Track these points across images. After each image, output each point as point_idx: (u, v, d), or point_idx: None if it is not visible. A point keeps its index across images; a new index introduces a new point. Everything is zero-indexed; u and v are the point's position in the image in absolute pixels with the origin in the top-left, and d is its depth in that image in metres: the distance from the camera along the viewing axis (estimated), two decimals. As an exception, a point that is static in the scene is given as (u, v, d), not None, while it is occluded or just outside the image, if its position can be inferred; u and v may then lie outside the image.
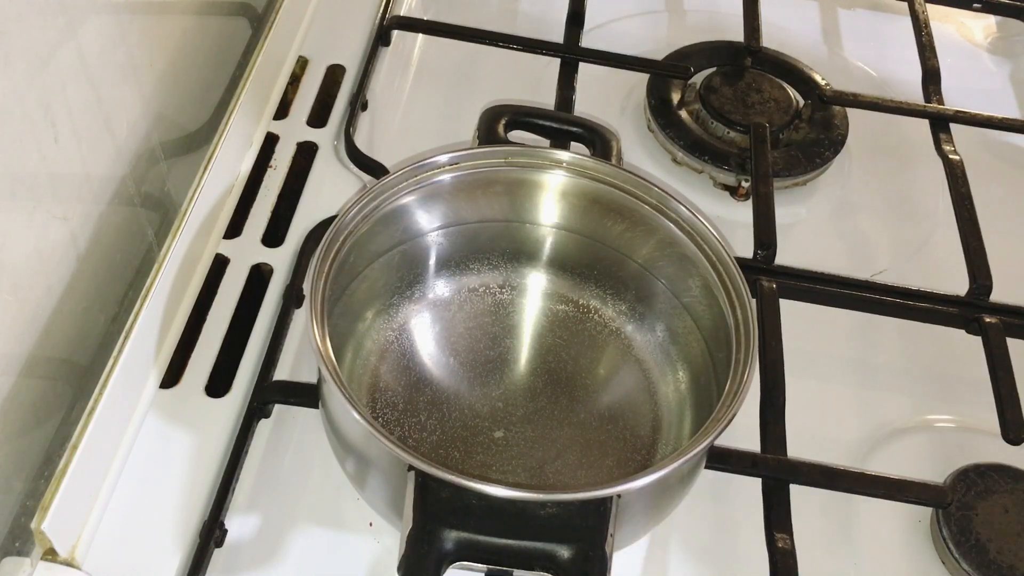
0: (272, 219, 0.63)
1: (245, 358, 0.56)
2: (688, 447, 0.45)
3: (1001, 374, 0.57)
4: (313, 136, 0.68)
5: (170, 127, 0.64)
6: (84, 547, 0.48)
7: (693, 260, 0.54)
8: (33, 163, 0.48)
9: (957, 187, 0.67)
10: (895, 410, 0.60)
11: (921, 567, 0.54)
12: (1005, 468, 0.55)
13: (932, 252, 0.69)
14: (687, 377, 0.55)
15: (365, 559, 0.50)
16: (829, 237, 0.70)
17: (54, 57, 0.49)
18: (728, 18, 0.80)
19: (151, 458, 0.52)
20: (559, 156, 0.56)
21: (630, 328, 0.58)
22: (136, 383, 0.53)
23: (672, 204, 0.54)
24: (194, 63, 0.67)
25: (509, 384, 0.55)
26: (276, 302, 0.59)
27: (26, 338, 0.50)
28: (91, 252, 0.55)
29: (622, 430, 0.54)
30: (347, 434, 0.48)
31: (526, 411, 0.54)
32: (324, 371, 0.46)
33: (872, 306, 0.62)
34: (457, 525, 0.42)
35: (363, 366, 0.55)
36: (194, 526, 0.50)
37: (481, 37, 0.74)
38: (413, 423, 0.53)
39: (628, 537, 0.49)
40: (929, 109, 0.74)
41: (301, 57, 0.73)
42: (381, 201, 0.53)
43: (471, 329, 0.57)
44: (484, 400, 0.54)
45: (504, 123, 0.59)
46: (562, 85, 0.70)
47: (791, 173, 0.70)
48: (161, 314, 0.55)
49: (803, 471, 0.53)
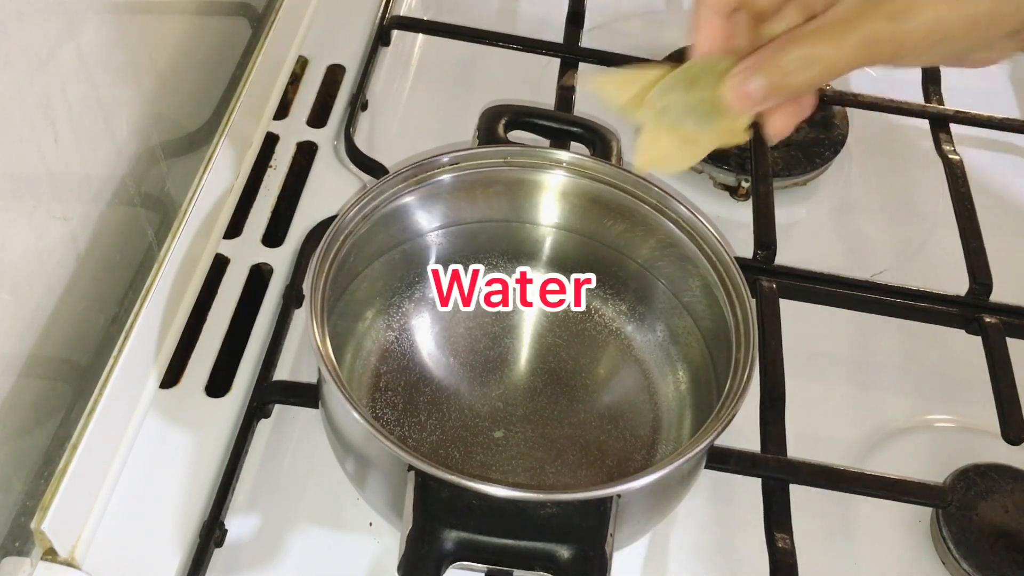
0: (272, 219, 0.63)
1: (245, 358, 0.56)
2: (688, 447, 0.45)
3: (1001, 374, 0.57)
4: (313, 136, 0.68)
5: (170, 127, 0.64)
6: (84, 547, 0.48)
7: (693, 260, 0.54)
8: (33, 163, 0.48)
9: (957, 187, 0.67)
10: (895, 410, 0.60)
11: (921, 567, 0.54)
12: (1005, 468, 0.55)
13: (932, 252, 0.69)
14: (687, 377, 0.55)
15: (365, 559, 0.50)
16: (829, 237, 0.70)
17: (54, 57, 0.49)
18: (728, 18, 0.80)
19: (151, 458, 0.52)
20: (559, 156, 0.56)
21: (630, 328, 0.58)
22: (136, 383, 0.53)
23: (672, 204, 0.54)
24: (194, 63, 0.67)
25: (509, 384, 0.55)
26: (276, 302, 0.59)
27: (26, 338, 0.50)
28: (91, 252, 0.55)
29: (622, 430, 0.54)
30: (347, 434, 0.48)
31: (526, 411, 0.54)
32: (324, 371, 0.46)
33: (872, 306, 0.62)
34: (457, 525, 0.42)
35: (363, 366, 0.55)
36: (194, 526, 0.50)
37: (481, 37, 0.74)
38: (413, 423, 0.53)
39: (628, 537, 0.49)
40: (929, 109, 0.74)
41: (301, 57, 0.73)
42: (381, 201, 0.53)
43: (471, 329, 0.57)
44: (484, 400, 0.54)
45: (504, 123, 0.59)
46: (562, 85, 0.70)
47: (791, 173, 0.70)
48: (161, 314, 0.55)
49: (803, 471, 0.53)
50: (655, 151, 0.44)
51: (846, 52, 0.35)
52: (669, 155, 0.44)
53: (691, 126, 0.42)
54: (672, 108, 0.42)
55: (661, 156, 0.44)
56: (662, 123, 0.43)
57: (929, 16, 0.34)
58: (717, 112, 0.41)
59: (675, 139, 0.43)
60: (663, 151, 0.44)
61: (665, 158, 0.44)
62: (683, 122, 0.42)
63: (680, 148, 0.43)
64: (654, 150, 0.44)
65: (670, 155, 0.44)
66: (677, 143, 0.43)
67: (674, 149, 0.43)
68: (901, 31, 0.34)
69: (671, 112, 0.42)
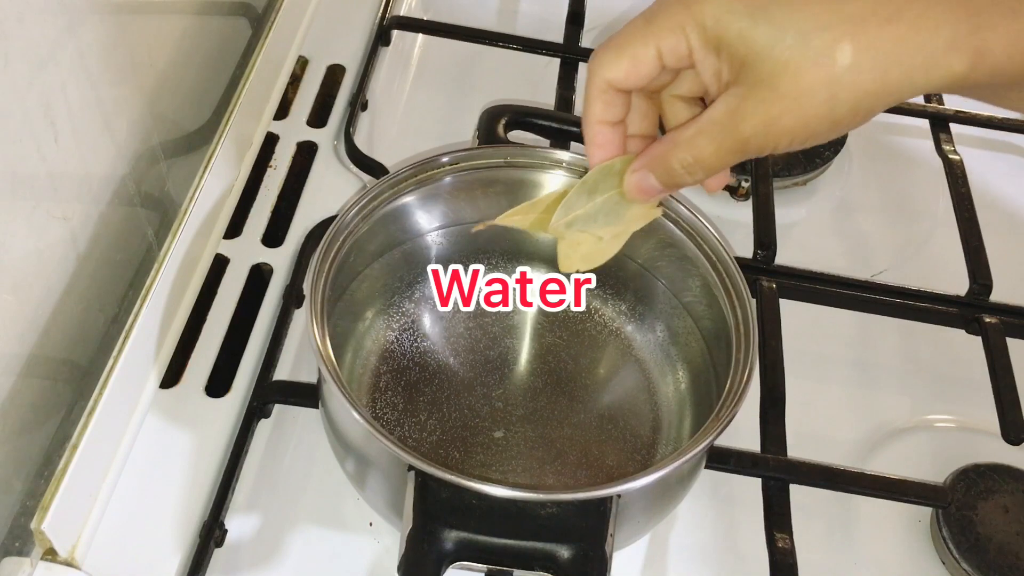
0: (272, 219, 0.63)
1: (245, 358, 0.56)
2: (688, 447, 0.45)
3: (1001, 374, 0.57)
4: (313, 136, 0.68)
5: (170, 127, 0.64)
6: (84, 547, 0.49)
7: (693, 260, 0.54)
8: (33, 163, 0.48)
9: (957, 187, 0.67)
10: (895, 410, 0.60)
11: (921, 567, 0.54)
12: (1005, 468, 0.55)
13: (932, 252, 0.69)
14: (687, 377, 0.55)
15: (365, 559, 0.50)
16: (829, 237, 0.70)
17: (54, 57, 0.49)
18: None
19: (151, 458, 0.52)
20: (559, 156, 0.56)
21: (630, 328, 0.58)
22: (136, 383, 0.53)
23: (672, 204, 0.54)
24: (194, 63, 0.67)
25: (509, 384, 0.55)
26: (276, 302, 0.59)
27: (26, 338, 0.50)
28: (91, 252, 0.55)
29: (622, 430, 0.54)
30: (347, 434, 0.48)
31: (526, 411, 0.54)
32: (324, 371, 0.46)
33: (872, 306, 0.62)
34: (457, 525, 0.42)
35: (363, 366, 0.55)
36: (194, 526, 0.50)
37: (481, 37, 0.74)
38: (413, 423, 0.53)
39: (628, 537, 0.49)
40: (929, 109, 0.74)
41: (301, 57, 0.73)
42: (381, 201, 0.53)
43: (471, 329, 0.57)
44: (484, 400, 0.54)
45: (504, 123, 0.59)
46: (562, 85, 0.70)
47: (791, 173, 0.70)
48: (161, 314, 0.55)
49: (803, 471, 0.53)
50: (576, 254, 0.46)
51: (723, 155, 0.38)
52: (591, 254, 0.46)
53: (604, 224, 0.45)
54: (580, 218, 0.44)
55: (584, 257, 0.46)
56: (575, 231, 0.45)
57: (791, 123, 0.36)
58: (625, 204, 0.44)
59: (592, 238, 0.45)
60: (585, 252, 0.46)
61: (588, 257, 0.46)
62: (594, 224, 0.45)
63: (599, 244, 0.46)
64: (576, 254, 0.46)
65: (592, 253, 0.46)
66: (595, 241, 0.45)
67: (594, 247, 0.46)
68: (771, 134, 0.37)
69: (580, 221, 0.44)
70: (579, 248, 0.46)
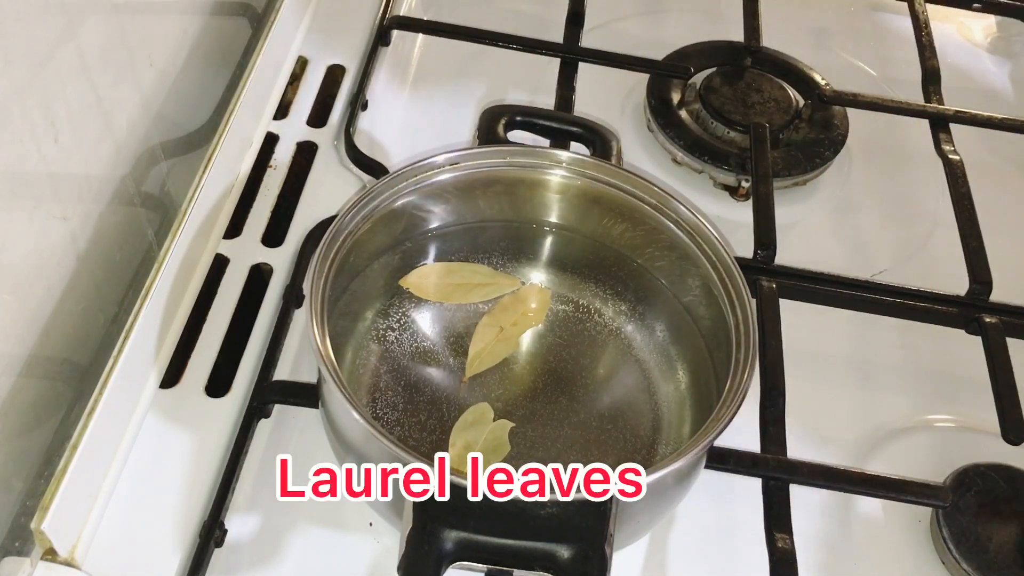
0: (272, 219, 0.63)
1: (245, 358, 0.56)
2: (688, 447, 0.45)
3: (1001, 374, 0.57)
4: (313, 136, 0.68)
5: (170, 127, 0.64)
6: (84, 547, 0.48)
7: (693, 260, 0.54)
8: (33, 163, 0.48)
9: (957, 187, 0.67)
10: (895, 410, 0.60)
11: (921, 567, 0.54)
12: (1005, 468, 0.55)
13: (932, 252, 0.69)
14: (687, 377, 0.55)
15: (365, 559, 0.50)
16: (829, 237, 0.70)
17: (54, 57, 0.49)
18: (728, 18, 0.80)
19: (151, 458, 0.52)
20: (559, 156, 0.56)
21: (630, 328, 0.58)
22: (136, 383, 0.53)
23: (672, 204, 0.54)
24: (194, 63, 0.67)
25: (509, 384, 0.55)
26: (276, 302, 0.59)
27: (26, 338, 0.50)
28: (91, 252, 0.55)
29: (622, 430, 0.54)
30: (347, 434, 0.48)
31: (526, 411, 0.54)
32: (324, 371, 0.46)
33: (872, 306, 0.62)
34: (457, 525, 0.42)
35: (363, 366, 0.55)
36: (194, 526, 0.50)
37: (481, 37, 0.74)
38: (413, 423, 0.53)
39: (628, 537, 0.49)
40: (929, 109, 0.74)
41: (301, 57, 0.73)
42: (381, 201, 0.53)
43: (471, 329, 0.57)
44: (484, 400, 0.54)
45: (504, 123, 0.59)
46: (562, 85, 0.70)
47: (791, 173, 0.70)
48: (161, 314, 0.55)
49: (803, 471, 0.53)
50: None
51: None
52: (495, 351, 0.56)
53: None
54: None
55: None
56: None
57: None
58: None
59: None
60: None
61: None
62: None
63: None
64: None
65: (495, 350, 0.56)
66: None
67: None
68: None
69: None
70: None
